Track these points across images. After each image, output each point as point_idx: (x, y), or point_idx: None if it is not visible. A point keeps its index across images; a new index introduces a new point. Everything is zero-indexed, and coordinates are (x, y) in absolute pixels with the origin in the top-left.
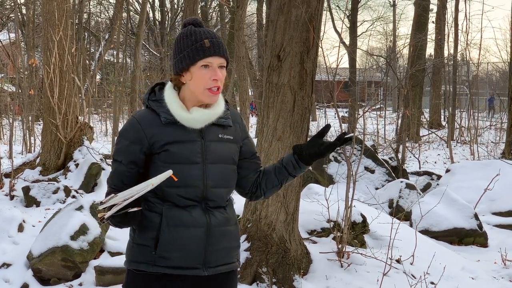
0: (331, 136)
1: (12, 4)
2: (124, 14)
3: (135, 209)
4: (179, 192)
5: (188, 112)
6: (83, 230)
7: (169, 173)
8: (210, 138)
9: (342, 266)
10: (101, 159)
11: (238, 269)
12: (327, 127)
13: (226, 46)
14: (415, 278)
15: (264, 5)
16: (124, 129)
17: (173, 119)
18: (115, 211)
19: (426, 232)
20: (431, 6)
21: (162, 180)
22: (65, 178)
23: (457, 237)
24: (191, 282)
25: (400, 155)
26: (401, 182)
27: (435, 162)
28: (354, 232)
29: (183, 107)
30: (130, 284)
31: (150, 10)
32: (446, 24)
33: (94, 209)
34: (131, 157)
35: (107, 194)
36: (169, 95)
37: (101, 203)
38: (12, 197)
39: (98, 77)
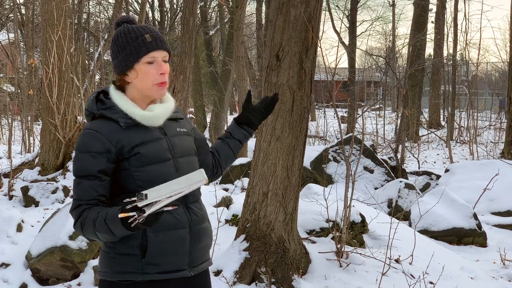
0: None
1: (11, 4)
2: (124, 14)
3: (170, 208)
4: None
5: (145, 110)
6: None
7: (201, 170)
8: (171, 133)
9: (341, 266)
10: None
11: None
12: (249, 93)
13: (165, 39)
14: (414, 277)
15: (264, 5)
16: (83, 142)
17: (133, 121)
18: (157, 209)
19: (425, 232)
20: (431, 6)
21: (206, 176)
22: (64, 178)
23: (456, 237)
24: (176, 284)
25: (399, 155)
26: (400, 182)
27: (434, 162)
28: (353, 232)
29: (138, 108)
30: None
31: (150, 10)
32: (446, 24)
33: None
34: (100, 167)
35: (81, 212)
36: (120, 98)
37: (135, 200)
38: (11, 197)
39: (97, 77)
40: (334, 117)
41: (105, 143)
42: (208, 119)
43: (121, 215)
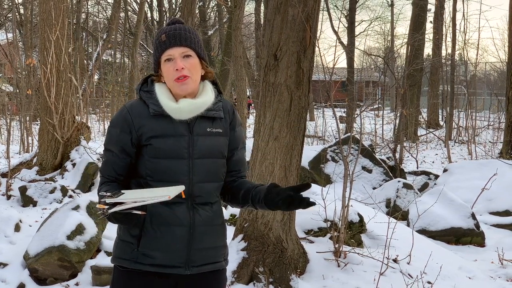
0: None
1: (10, 4)
2: (122, 14)
3: (139, 212)
4: None
5: (175, 102)
6: (79, 229)
7: (181, 188)
8: (198, 132)
9: (339, 266)
10: (98, 159)
11: (226, 267)
12: (307, 185)
13: (190, 35)
14: (411, 277)
15: (262, 5)
16: (115, 118)
17: (161, 110)
18: (119, 210)
19: (423, 231)
20: (429, 6)
21: (176, 194)
22: (62, 177)
23: (454, 236)
24: (175, 280)
25: (397, 155)
26: (398, 181)
27: (433, 162)
28: (351, 232)
29: (172, 99)
30: (115, 279)
31: (148, 10)
32: (444, 23)
33: (91, 208)
34: (122, 146)
35: (101, 184)
36: (160, 86)
37: (109, 196)
38: (9, 197)
39: (96, 77)
40: (333, 117)
41: (130, 125)
42: None
43: (98, 206)
